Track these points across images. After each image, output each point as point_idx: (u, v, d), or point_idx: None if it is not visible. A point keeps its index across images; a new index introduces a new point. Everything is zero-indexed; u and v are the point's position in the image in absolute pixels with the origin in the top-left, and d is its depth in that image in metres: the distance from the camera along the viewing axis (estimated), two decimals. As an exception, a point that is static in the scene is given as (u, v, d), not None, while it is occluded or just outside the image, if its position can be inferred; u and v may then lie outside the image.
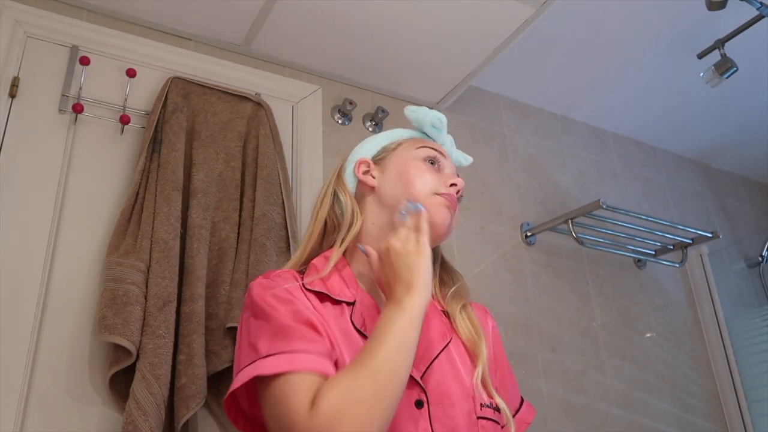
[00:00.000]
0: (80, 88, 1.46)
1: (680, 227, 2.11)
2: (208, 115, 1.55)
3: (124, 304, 1.22)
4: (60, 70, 1.47)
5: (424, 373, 0.85)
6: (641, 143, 2.58)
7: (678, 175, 2.63)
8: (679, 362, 2.18)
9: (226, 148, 1.53)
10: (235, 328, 1.30)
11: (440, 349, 0.89)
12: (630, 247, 2.16)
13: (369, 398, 0.70)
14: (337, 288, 0.90)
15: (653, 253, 2.21)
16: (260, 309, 0.83)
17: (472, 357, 0.92)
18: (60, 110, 1.44)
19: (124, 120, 1.47)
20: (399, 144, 1.04)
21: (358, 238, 0.97)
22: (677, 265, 2.16)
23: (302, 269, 0.96)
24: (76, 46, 1.50)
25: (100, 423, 1.24)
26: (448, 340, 0.92)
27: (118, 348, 1.22)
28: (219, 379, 1.31)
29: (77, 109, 1.43)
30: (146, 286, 1.27)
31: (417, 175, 0.97)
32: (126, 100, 1.50)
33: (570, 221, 1.93)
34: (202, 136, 1.51)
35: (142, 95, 1.53)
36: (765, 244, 2.53)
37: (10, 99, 1.39)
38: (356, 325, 0.86)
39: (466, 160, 1.12)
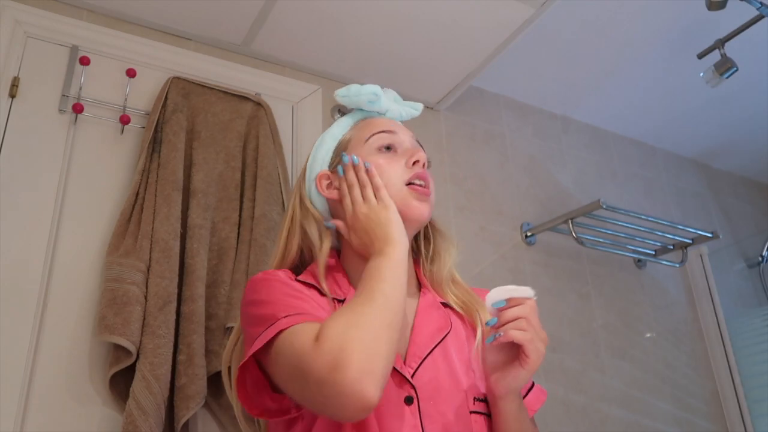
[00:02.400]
0: (80, 88, 1.46)
1: (680, 227, 2.11)
2: (208, 115, 1.55)
3: (124, 304, 1.22)
4: (60, 70, 1.47)
5: (416, 370, 0.84)
6: (641, 143, 2.58)
7: (678, 175, 2.63)
8: (679, 362, 2.18)
9: (226, 148, 1.53)
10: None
11: (435, 344, 0.88)
12: (630, 247, 2.16)
13: (374, 323, 0.71)
14: (329, 289, 0.90)
15: (653, 253, 2.21)
16: (264, 291, 0.85)
17: (469, 325, 0.91)
18: (60, 110, 1.44)
19: (124, 120, 1.47)
20: (348, 140, 0.99)
21: (345, 252, 0.97)
22: (677, 265, 2.16)
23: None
24: (76, 46, 1.50)
25: (100, 423, 1.24)
26: (446, 332, 0.90)
27: (119, 348, 1.22)
28: (219, 379, 1.31)
29: (77, 109, 1.43)
30: (146, 286, 1.27)
31: (378, 175, 0.92)
32: (126, 100, 1.50)
33: (570, 221, 1.93)
34: (202, 136, 1.51)
35: (142, 95, 1.53)
36: (765, 244, 2.52)
37: (10, 99, 1.39)
38: None
39: (416, 109, 1.07)
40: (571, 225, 1.93)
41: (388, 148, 0.96)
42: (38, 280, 1.28)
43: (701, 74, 1.91)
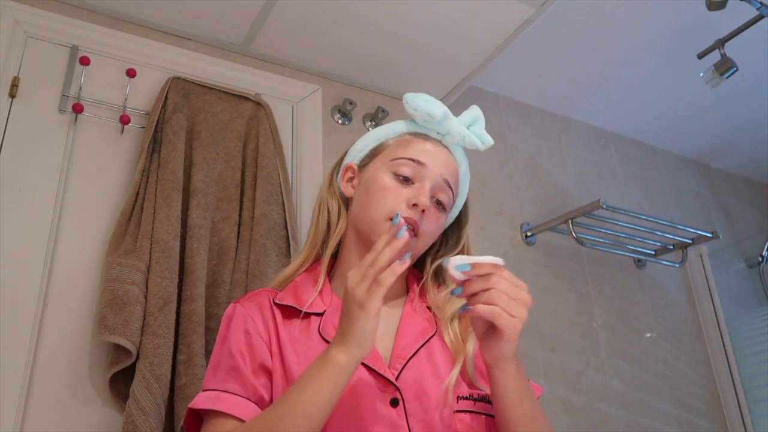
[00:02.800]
0: (80, 88, 1.46)
1: (680, 227, 2.11)
2: (208, 115, 1.55)
3: (124, 304, 1.22)
4: (60, 70, 1.47)
5: (400, 372, 0.85)
6: (641, 143, 2.58)
7: (678, 175, 2.63)
8: (679, 362, 2.18)
9: (226, 148, 1.53)
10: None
11: (419, 347, 0.88)
12: (630, 247, 2.16)
13: None
14: (308, 299, 0.91)
15: (653, 253, 2.21)
16: (219, 337, 0.91)
17: (454, 359, 0.91)
18: (60, 110, 1.44)
19: (124, 120, 1.47)
20: (384, 148, 0.97)
21: (342, 256, 0.97)
22: (677, 265, 2.16)
23: (288, 282, 0.97)
24: (76, 46, 1.50)
25: (100, 423, 1.24)
26: (430, 335, 0.91)
27: (119, 348, 1.22)
28: (219, 379, 1.31)
29: (77, 109, 1.43)
30: (146, 286, 1.27)
31: (377, 196, 0.90)
32: (126, 100, 1.50)
33: (570, 221, 1.93)
34: (202, 136, 1.51)
35: (142, 95, 1.53)
36: (765, 244, 2.52)
37: (10, 99, 1.39)
38: (324, 336, 0.87)
39: (483, 143, 0.99)
40: (571, 225, 1.93)
41: (406, 179, 0.92)
42: (38, 280, 1.28)
43: (701, 74, 1.90)
